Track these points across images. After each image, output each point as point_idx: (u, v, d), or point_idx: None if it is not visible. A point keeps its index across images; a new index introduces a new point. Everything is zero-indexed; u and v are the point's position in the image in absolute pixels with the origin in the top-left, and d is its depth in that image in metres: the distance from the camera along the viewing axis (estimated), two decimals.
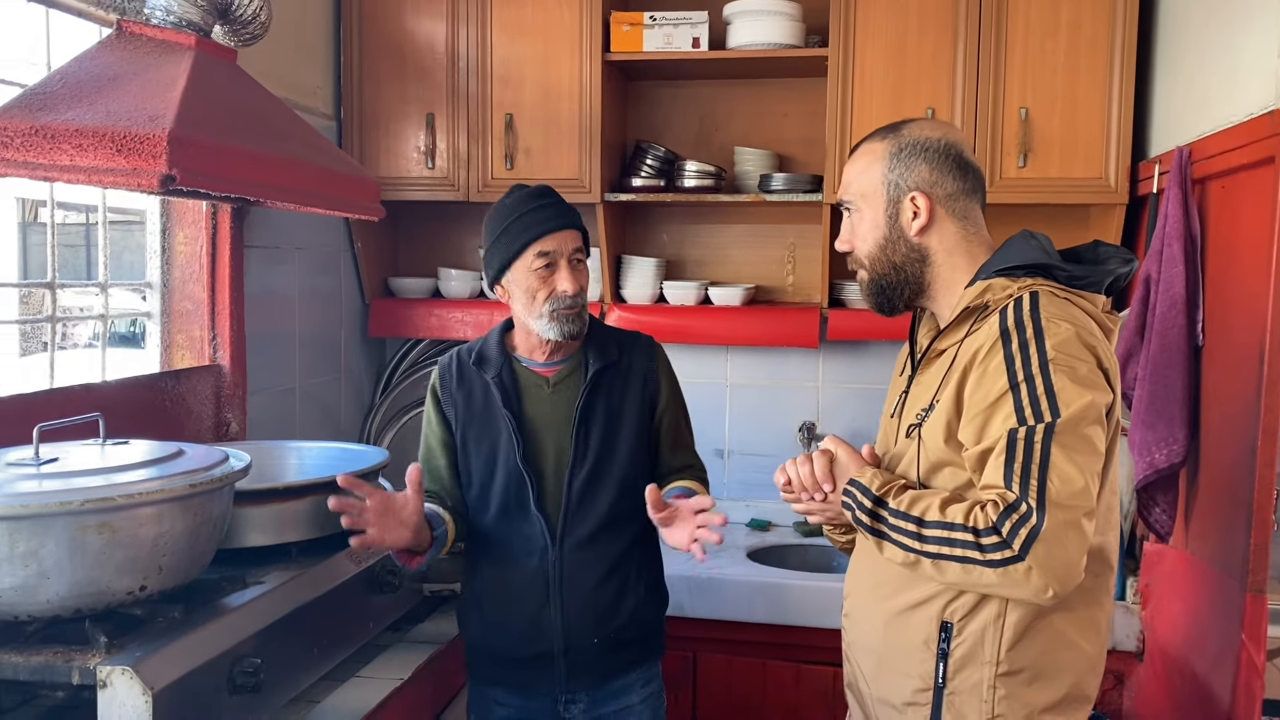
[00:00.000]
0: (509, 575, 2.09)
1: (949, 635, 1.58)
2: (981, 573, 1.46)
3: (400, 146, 3.21)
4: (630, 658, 2.13)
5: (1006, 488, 1.46)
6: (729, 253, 3.42)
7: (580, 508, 2.07)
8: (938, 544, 1.49)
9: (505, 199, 2.10)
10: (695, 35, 3.01)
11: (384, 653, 2.21)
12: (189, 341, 2.66)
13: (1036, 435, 1.46)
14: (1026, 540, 1.42)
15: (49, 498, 1.49)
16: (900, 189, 1.67)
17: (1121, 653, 2.60)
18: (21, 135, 1.82)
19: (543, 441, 2.08)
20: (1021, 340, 1.51)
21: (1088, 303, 1.60)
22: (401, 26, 3.18)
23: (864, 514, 1.59)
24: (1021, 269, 1.60)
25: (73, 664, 1.49)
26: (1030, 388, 1.48)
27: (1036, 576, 1.42)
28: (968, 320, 1.61)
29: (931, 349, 1.67)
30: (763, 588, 2.76)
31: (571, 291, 2.03)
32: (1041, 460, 1.44)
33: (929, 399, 1.63)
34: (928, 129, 1.70)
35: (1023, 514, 1.43)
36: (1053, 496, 1.43)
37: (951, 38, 2.89)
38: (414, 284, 3.42)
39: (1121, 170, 2.82)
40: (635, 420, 2.12)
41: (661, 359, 2.21)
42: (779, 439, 3.34)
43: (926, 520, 1.51)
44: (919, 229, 1.67)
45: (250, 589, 1.84)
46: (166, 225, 2.64)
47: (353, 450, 2.40)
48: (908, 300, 1.72)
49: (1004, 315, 1.55)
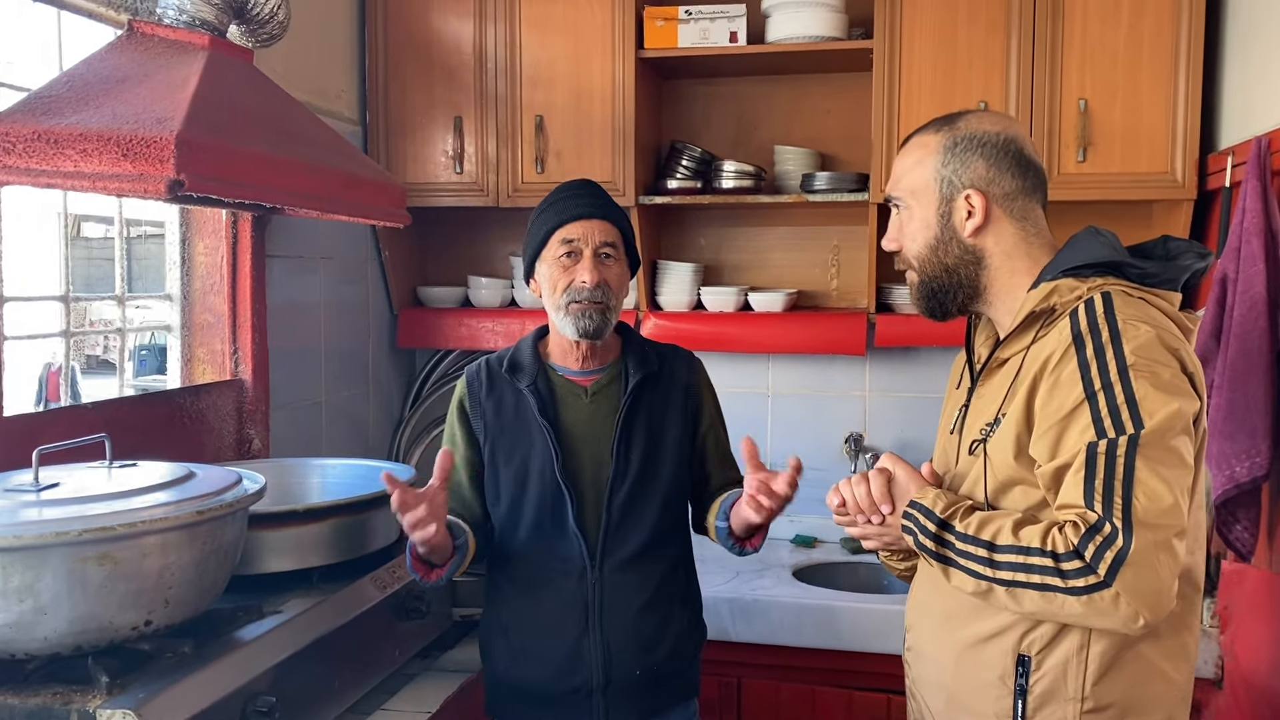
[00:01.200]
0: (542, 600, 1.92)
1: (1027, 670, 1.45)
2: (1064, 601, 1.34)
3: (427, 151, 3.10)
4: (670, 693, 1.98)
5: (1087, 507, 1.34)
6: (769, 256, 3.28)
7: (622, 526, 1.91)
8: (1012, 570, 1.37)
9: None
10: (733, 29, 2.88)
11: (411, 683, 2.09)
12: (210, 355, 2.56)
13: (1119, 448, 1.33)
14: (1113, 564, 1.30)
15: (45, 527, 1.39)
16: (954, 186, 1.55)
17: (1199, 680, 2.41)
18: (24, 140, 1.72)
19: (580, 454, 1.92)
20: (1097, 345, 1.38)
21: (1164, 302, 1.47)
22: (428, 27, 3.07)
23: (928, 538, 1.46)
24: (1090, 268, 1.48)
25: (71, 706, 1.39)
26: (1109, 396, 1.35)
27: (1125, 604, 1.30)
28: (1033, 326, 1.49)
29: (993, 359, 1.54)
30: (811, 609, 2.61)
31: (590, 283, 1.88)
32: (1125, 476, 1.32)
33: (993, 412, 1.51)
34: (986, 122, 1.57)
35: (1107, 535, 1.31)
36: (1140, 515, 1.31)
37: (1004, 27, 2.74)
38: (443, 293, 3.31)
39: (1189, 163, 2.65)
40: (678, 434, 1.99)
41: (703, 373, 2.08)
42: (824, 451, 3.19)
43: (998, 544, 1.39)
44: (973, 229, 1.55)
45: (267, 619, 1.73)
46: (186, 235, 2.55)
47: (378, 467, 2.29)
48: (961, 305, 1.60)
49: (1075, 318, 1.42)
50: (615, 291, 1.92)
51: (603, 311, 1.90)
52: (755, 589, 2.72)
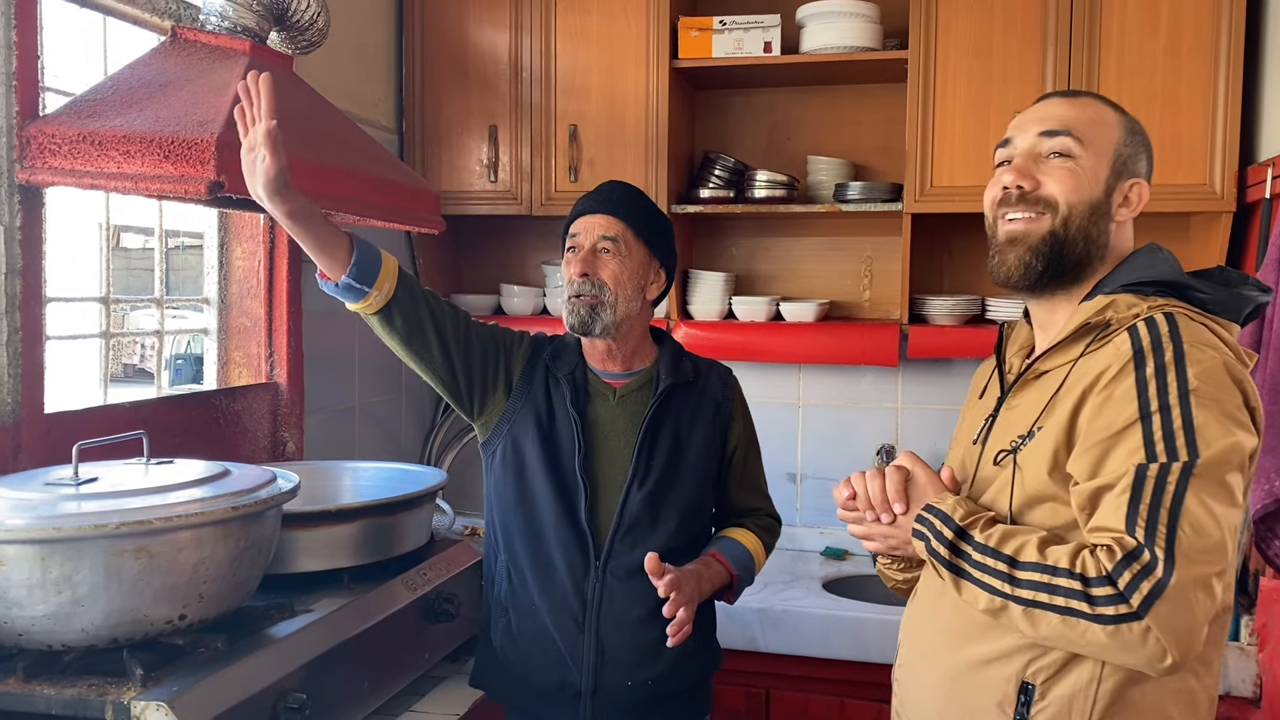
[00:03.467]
0: (544, 589, 1.89)
1: (1030, 699, 1.35)
2: (1086, 629, 1.23)
3: (462, 160, 3.13)
4: (665, 715, 1.92)
5: (1128, 532, 1.24)
6: (801, 267, 3.27)
7: (633, 531, 1.88)
8: (1033, 589, 1.27)
9: None
10: (767, 40, 2.89)
11: (440, 685, 2.10)
12: (246, 359, 2.59)
13: (1171, 475, 1.24)
14: (1149, 596, 1.20)
15: (84, 520, 1.40)
16: (1127, 168, 1.45)
17: (1236, 698, 2.38)
18: (69, 142, 1.77)
19: (600, 452, 1.91)
20: (1159, 364, 1.29)
21: (1225, 332, 1.37)
22: (464, 37, 3.10)
23: (942, 545, 1.36)
24: (1150, 285, 1.39)
25: (106, 698, 1.40)
26: (1165, 419, 1.26)
27: (1154, 641, 1.20)
28: (1082, 339, 1.40)
29: (1031, 369, 1.47)
30: (840, 621, 2.60)
31: (574, 274, 1.88)
32: (1173, 504, 1.23)
33: (1028, 425, 1.42)
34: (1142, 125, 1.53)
35: (1145, 565, 1.21)
36: (1184, 548, 1.21)
37: (1040, 38, 2.73)
38: (476, 300, 3.32)
39: (1228, 175, 2.62)
40: (703, 447, 1.96)
41: (738, 391, 2.06)
42: (855, 462, 3.17)
43: (1021, 561, 1.29)
44: (1124, 218, 1.46)
45: (298, 618, 1.74)
46: (224, 240, 2.58)
47: (410, 471, 2.31)
48: (1064, 280, 1.46)
49: (1135, 334, 1.33)
50: (610, 284, 1.89)
51: (590, 306, 1.88)
52: (785, 600, 2.70)
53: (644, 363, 2.00)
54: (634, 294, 1.92)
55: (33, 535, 1.37)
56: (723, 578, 1.91)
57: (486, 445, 1.97)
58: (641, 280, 1.94)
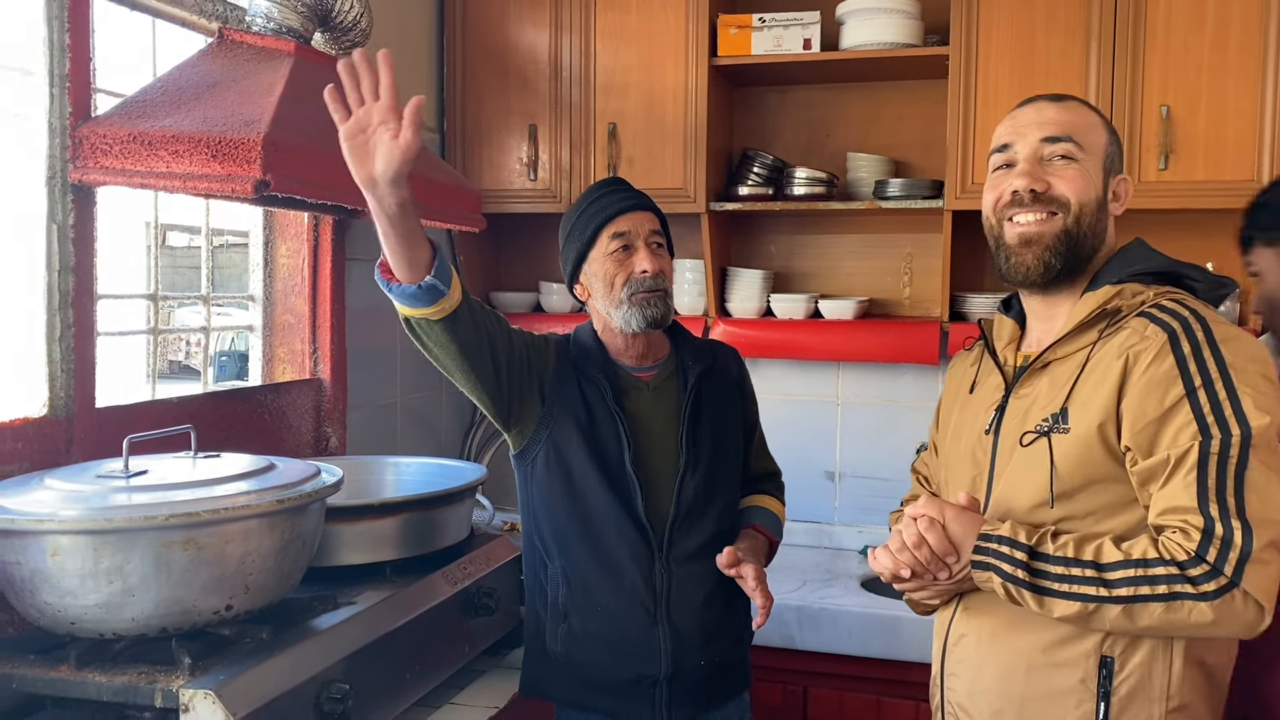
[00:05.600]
0: (613, 590, 1.89)
1: (1110, 671, 1.42)
2: (1192, 609, 1.30)
3: (502, 158, 3.15)
4: (730, 684, 2.00)
5: (1200, 509, 1.32)
6: (840, 264, 3.26)
7: (689, 518, 1.91)
8: (1132, 585, 1.32)
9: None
10: (806, 36, 2.88)
11: (479, 679, 2.12)
12: (290, 355, 2.63)
13: (1232, 450, 1.32)
14: (1238, 564, 1.29)
15: (134, 511, 1.44)
16: (1115, 166, 1.57)
17: None
18: (120, 142, 1.80)
19: (647, 447, 1.92)
20: (1194, 343, 1.38)
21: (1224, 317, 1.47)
22: (504, 37, 3.12)
23: (1018, 569, 1.38)
24: (1151, 275, 1.49)
25: (155, 685, 1.43)
26: (1210, 394, 1.34)
27: (1254, 606, 1.29)
28: (1094, 326, 1.48)
29: (1041, 357, 1.52)
30: (879, 620, 2.59)
31: (651, 271, 1.88)
32: (1237, 476, 1.31)
33: (1051, 407, 1.47)
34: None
35: (1224, 537, 1.30)
36: (1255, 515, 1.30)
37: (1084, 33, 2.70)
38: (516, 298, 3.35)
39: (1276, 170, 2.58)
40: (733, 432, 2.04)
41: (745, 367, 2.15)
42: (894, 461, 3.15)
43: (1105, 563, 1.35)
44: (1116, 212, 1.58)
45: (341, 610, 1.77)
46: (269, 238, 2.62)
47: (451, 466, 2.33)
48: (1074, 273, 1.53)
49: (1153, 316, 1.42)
50: (668, 277, 1.95)
51: (664, 298, 1.91)
52: (823, 598, 2.70)
53: (662, 353, 2.02)
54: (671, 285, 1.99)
55: (85, 526, 1.41)
56: (763, 546, 2.02)
57: (523, 454, 1.94)
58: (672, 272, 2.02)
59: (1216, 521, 1.30)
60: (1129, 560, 1.34)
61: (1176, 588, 1.30)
